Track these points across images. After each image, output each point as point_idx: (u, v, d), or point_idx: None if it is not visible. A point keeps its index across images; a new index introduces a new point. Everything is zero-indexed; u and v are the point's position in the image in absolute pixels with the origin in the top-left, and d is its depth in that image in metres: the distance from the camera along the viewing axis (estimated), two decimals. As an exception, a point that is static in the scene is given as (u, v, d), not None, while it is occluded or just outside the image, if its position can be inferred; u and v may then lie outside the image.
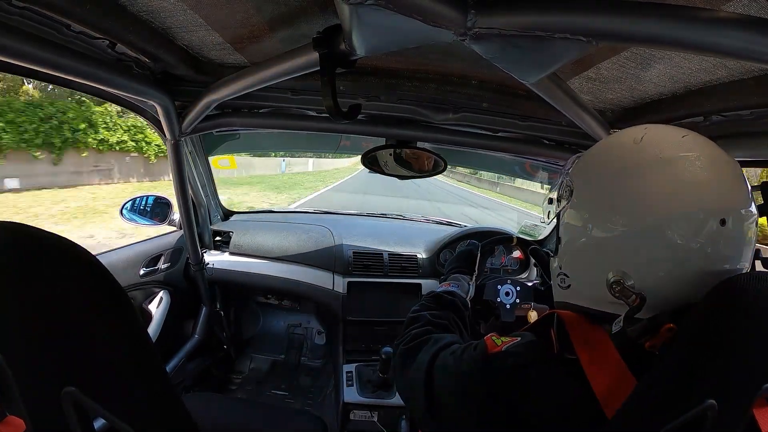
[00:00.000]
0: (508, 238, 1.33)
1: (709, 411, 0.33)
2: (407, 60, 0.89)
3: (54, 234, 0.39)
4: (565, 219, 0.58)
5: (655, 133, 0.52)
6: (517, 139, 1.20)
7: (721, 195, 0.46)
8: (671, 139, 0.50)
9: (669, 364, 0.40)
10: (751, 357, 0.37)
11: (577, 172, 0.58)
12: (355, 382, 1.50)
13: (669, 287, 0.47)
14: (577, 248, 0.55)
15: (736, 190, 0.47)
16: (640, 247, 0.47)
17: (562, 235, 0.59)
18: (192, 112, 1.05)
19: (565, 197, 0.58)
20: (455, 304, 0.85)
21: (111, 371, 0.40)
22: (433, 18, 0.48)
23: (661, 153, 0.48)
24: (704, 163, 0.47)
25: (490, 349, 0.57)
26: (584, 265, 0.55)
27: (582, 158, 0.59)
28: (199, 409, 1.03)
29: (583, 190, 0.55)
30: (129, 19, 0.68)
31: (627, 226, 0.48)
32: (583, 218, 0.54)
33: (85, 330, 0.39)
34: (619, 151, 0.53)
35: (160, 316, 1.46)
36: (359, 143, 1.74)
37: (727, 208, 0.45)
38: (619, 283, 0.48)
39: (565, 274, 0.58)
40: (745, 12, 0.49)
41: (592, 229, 0.52)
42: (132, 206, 1.47)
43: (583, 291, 0.56)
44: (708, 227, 0.44)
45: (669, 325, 0.44)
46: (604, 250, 0.51)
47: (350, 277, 1.60)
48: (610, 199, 0.51)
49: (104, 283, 0.42)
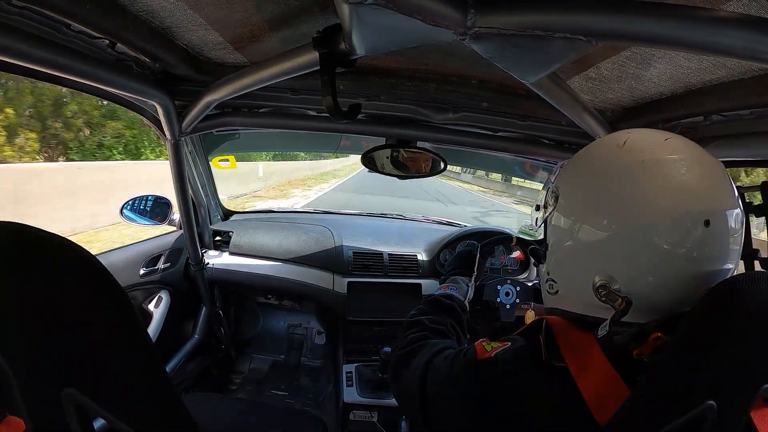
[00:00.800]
0: (508, 238, 1.33)
1: (708, 412, 0.33)
2: (407, 60, 0.89)
3: (54, 234, 0.39)
4: (551, 224, 0.58)
5: (638, 136, 0.52)
6: (517, 138, 1.20)
7: (704, 196, 0.46)
8: (654, 142, 0.50)
9: (666, 366, 0.40)
10: (748, 358, 0.37)
11: (562, 178, 0.58)
12: (355, 383, 1.50)
13: (656, 290, 0.47)
14: (563, 253, 0.56)
15: (720, 191, 0.47)
16: (624, 251, 0.48)
17: (549, 240, 0.59)
18: (192, 112, 1.04)
19: (551, 203, 0.58)
20: (453, 309, 0.85)
21: (111, 371, 0.40)
22: (433, 18, 0.48)
23: (643, 156, 0.49)
24: (687, 165, 0.47)
25: (479, 355, 0.57)
26: (571, 270, 0.55)
27: (567, 164, 0.60)
28: (199, 409, 1.03)
29: (568, 196, 0.56)
30: (129, 18, 0.68)
31: (611, 230, 0.48)
32: (568, 223, 0.54)
33: (85, 330, 0.39)
34: (603, 156, 0.54)
35: (160, 316, 1.46)
36: (359, 143, 1.74)
37: (710, 209, 0.45)
38: (605, 287, 0.48)
39: (553, 279, 0.58)
40: (745, 12, 0.48)
41: (577, 234, 0.52)
42: (132, 206, 1.47)
43: (570, 296, 0.56)
44: (692, 229, 0.45)
45: (656, 335, 0.44)
46: (590, 254, 0.51)
47: (350, 277, 1.60)
48: (594, 203, 0.51)
49: (104, 283, 0.42)
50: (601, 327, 0.47)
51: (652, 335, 0.44)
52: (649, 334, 0.44)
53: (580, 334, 0.52)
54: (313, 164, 18.92)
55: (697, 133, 0.85)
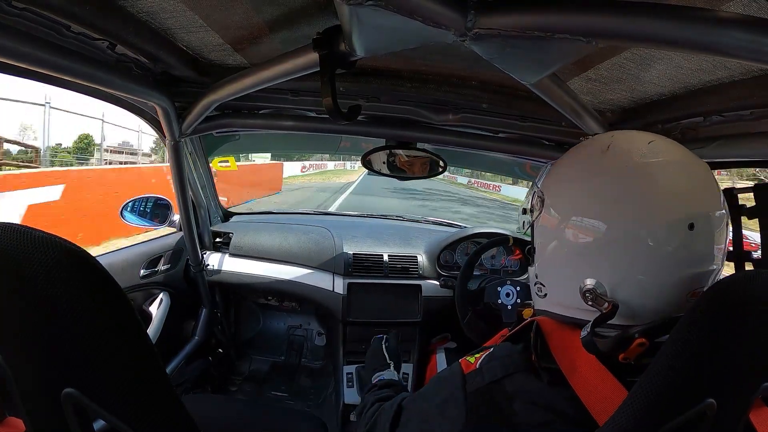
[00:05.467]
0: (505, 240, 1.33)
1: (708, 410, 0.33)
2: (407, 60, 0.89)
3: (53, 235, 0.39)
4: (537, 228, 0.58)
5: (622, 140, 0.52)
6: (517, 139, 1.20)
7: (687, 200, 0.46)
8: (638, 145, 0.50)
9: (665, 366, 0.40)
10: (747, 357, 0.37)
11: (547, 182, 0.58)
12: (355, 384, 1.50)
13: (641, 293, 0.47)
14: (550, 257, 0.56)
15: (703, 193, 0.48)
16: (610, 255, 0.48)
17: (536, 244, 0.59)
18: (192, 114, 1.04)
19: (537, 207, 0.58)
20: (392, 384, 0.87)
21: (110, 373, 0.40)
22: (432, 19, 0.48)
23: (627, 161, 0.49)
24: (672, 169, 0.48)
25: (465, 370, 0.57)
26: (558, 274, 0.55)
27: (551, 168, 0.59)
28: (199, 410, 1.03)
29: (553, 200, 0.55)
30: (129, 20, 0.68)
31: (596, 235, 0.48)
32: (554, 227, 0.54)
33: (84, 331, 0.39)
34: (587, 160, 0.54)
35: (160, 317, 1.46)
36: (359, 144, 1.74)
37: (695, 212, 0.46)
38: (591, 291, 0.48)
39: (542, 283, 0.58)
40: (745, 12, 0.48)
41: (563, 239, 0.52)
42: (132, 207, 1.47)
43: (559, 299, 0.56)
44: (677, 232, 0.45)
45: (640, 340, 0.44)
46: (576, 259, 0.51)
47: (350, 279, 1.60)
48: (579, 208, 0.51)
49: (104, 284, 0.41)
50: (584, 329, 0.47)
51: (636, 340, 0.44)
52: (632, 340, 0.44)
53: (570, 334, 0.52)
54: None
55: (697, 133, 0.85)
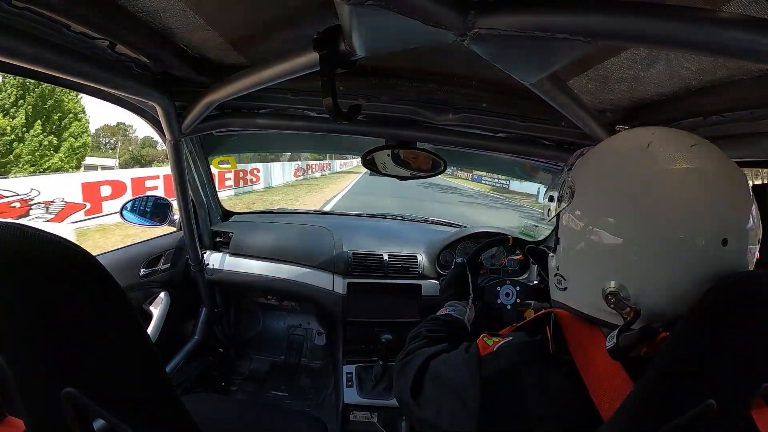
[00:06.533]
0: (504, 240, 1.33)
1: (708, 410, 0.33)
2: (407, 60, 0.89)
3: (53, 234, 0.39)
4: (564, 221, 0.57)
5: (663, 140, 0.50)
6: (517, 139, 1.20)
7: (723, 214, 0.45)
8: (680, 148, 0.48)
9: (666, 365, 0.40)
10: (749, 355, 0.37)
11: (580, 174, 0.56)
12: (355, 383, 1.50)
13: (667, 301, 0.46)
14: (575, 253, 0.54)
15: (741, 207, 0.46)
16: (640, 261, 0.47)
17: (561, 236, 0.58)
18: (192, 113, 1.04)
19: (566, 198, 0.56)
20: (453, 324, 0.87)
21: (110, 372, 0.40)
22: (432, 18, 0.48)
23: (669, 165, 0.47)
24: (711, 179, 0.46)
25: (482, 351, 0.57)
26: (582, 271, 0.54)
27: (585, 159, 0.57)
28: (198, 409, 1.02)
29: (585, 195, 0.53)
30: (129, 19, 0.68)
31: (628, 238, 0.47)
32: (584, 223, 0.52)
33: (84, 331, 0.39)
34: (626, 156, 0.51)
35: (159, 316, 1.46)
36: (359, 143, 1.74)
37: (729, 227, 0.45)
38: (615, 294, 0.47)
39: (562, 276, 0.57)
40: (745, 12, 0.48)
41: (593, 237, 0.51)
42: (132, 207, 1.47)
43: (579, 295, 0.55)
44: (709, 246, 0.44)
45: (664, 334, 0.44)
46: (603, 259, 0.50)
47: (350, 278, 1.60)
48: (613, 208, 0.49)
49: (104, 283, 0.41)
50: (609, 338, 0.47)
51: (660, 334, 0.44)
52: (657, 333, 0.44)
53: (589, 328, 0.52)
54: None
55: (697, 133, 0.84)
